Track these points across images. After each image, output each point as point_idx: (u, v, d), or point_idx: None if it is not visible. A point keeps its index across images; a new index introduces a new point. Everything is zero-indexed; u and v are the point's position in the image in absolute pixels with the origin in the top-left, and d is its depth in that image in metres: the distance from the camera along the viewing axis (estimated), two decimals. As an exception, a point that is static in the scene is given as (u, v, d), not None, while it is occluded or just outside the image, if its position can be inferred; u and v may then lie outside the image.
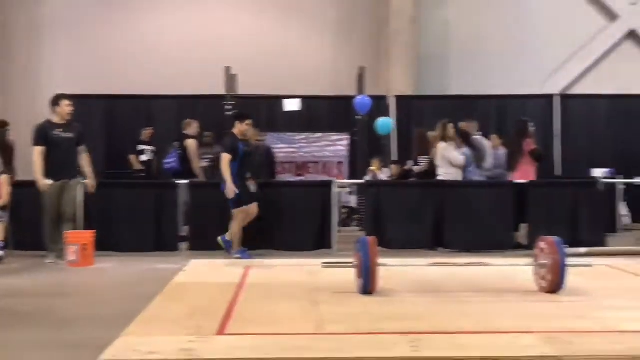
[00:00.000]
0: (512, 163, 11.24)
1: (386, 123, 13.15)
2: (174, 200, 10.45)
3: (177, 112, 14.78)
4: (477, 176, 11.21)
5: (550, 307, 6.12)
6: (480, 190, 10.89)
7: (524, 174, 11.07)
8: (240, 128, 9.81)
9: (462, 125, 11.57)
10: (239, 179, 9.60)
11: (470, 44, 16.31)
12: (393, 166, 13.34)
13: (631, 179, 13.05)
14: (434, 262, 8.21)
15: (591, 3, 16.62)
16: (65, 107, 9.41)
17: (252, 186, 9.79)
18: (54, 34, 16.25)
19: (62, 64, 16.09)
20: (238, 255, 9.57)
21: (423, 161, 11.88)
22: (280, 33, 16.24)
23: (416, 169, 11.91)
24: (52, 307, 6.40)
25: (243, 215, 9.68)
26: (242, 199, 9.66)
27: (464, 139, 11.22)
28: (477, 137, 11.71)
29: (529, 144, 11.15)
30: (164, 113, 14.69)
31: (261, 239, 10.30)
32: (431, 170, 11.67)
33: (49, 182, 9.19)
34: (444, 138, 11.08)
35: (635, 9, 16.48)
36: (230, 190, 9.52)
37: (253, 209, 9.75)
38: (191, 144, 11.88)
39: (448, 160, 10.96)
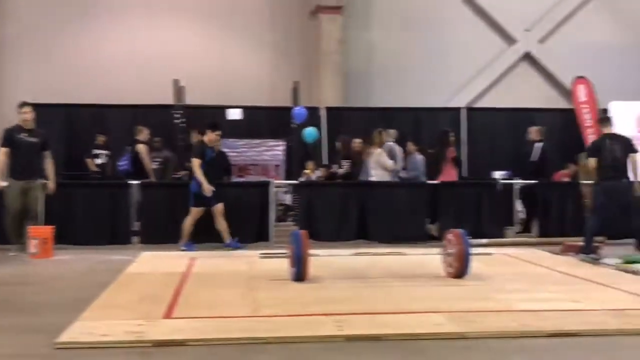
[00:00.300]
0: (437, 167, 11.47)
1: (311, 132, 13.09)
2: (126, 198, 10.28)
3: (130, 120, 14.49)
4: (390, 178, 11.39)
5: (456, 290, 6.24)
6: (398, 190, 11.02)
7: (448, 176, 11.41)
8: (210, 136, 9.62)
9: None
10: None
11: (391, 62, 16.47)
12: (322, 169, 13.37)
13: (526, 180, 13.37)
14: (357, 252, 8.27)
15: (494, 29, 16.99)
16: (23, 113, 9.17)
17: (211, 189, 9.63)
18: (18, 49, 15.78)
19: (25, 75, 15.62)
20: (184, 248, 9.44)
21: (345, 164, 11.92)
22: (224, 50, 16.10)
23: (340, 171, 11.94)
24: (13, 295, 6.21)
25: (196, 214, 9.51)
26: (203, 200, 9.46)
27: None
28: (389, 144, 11.85)
29: (452, 152, 11.46)
30: (118, 121, 14.36)
31: (206, 233, 10.19)
32: (355, 172, 11.78)
33: (4, 183, 8.99)
34: (379, 144, 11.16)
35: (529, 34, 16.91)
36: (207, 189, 9.37)
37: (218, 208, 9.60)
38: (142, 148, 11.70)
39: (381, 164, 11.10)
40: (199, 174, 9.42)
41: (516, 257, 8.64)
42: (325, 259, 7.88)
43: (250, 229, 10.35)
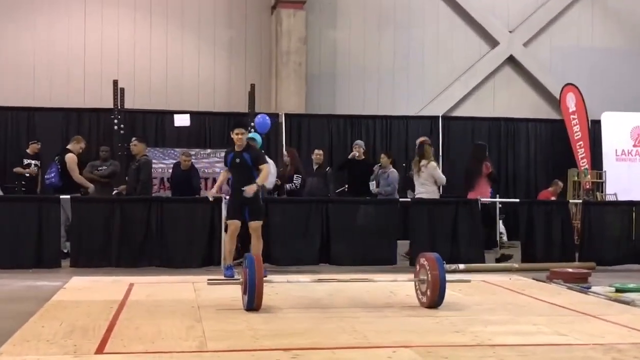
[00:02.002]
0: (470, 183, 11.69)
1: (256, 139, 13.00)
2: (56, 215, 10.11)
3: (63, 125, 14.37)
4: None
5: (429, 322, 6.26)
6: (366, 208, 11.05)
7: (481, 193, 11.60)
8: (233, 137, 9.29)
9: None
10: (231, 190, 9.36)
11: (359, 65, 16.59)
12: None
13: (508, 198, 13.54)
14: (319, 278, 8.25)
15: (474, 29, 17.21)
16: None
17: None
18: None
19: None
20: (225, 271, 9.17)
21: (297, 179, 11.88)
22: (171, 48, 16.04)
23: (288, 186, 11.89)
24: None
25: (230, 228, 9.19)
26: (228, 212, 9.38)
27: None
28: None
29: (487, 167, 11.68)
30: (49, 126, 14.22)
31: (147, 255, 10.10)
32: (317, 187, 11.81)
33: None
34: (423, 157, 11.40)
35: (513, 36, 17.17)
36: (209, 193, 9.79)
37: (252, 225, 9.19)
38: (70, 158, 11.49)
39: (436, 179, 11.32)
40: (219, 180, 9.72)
41: (497, 285, 8.71)
42: (282, 285, 7.85)
43: (197, 252, 10.27)
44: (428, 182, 11.41)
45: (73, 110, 14.64)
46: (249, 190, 9.00)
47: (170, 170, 13.27)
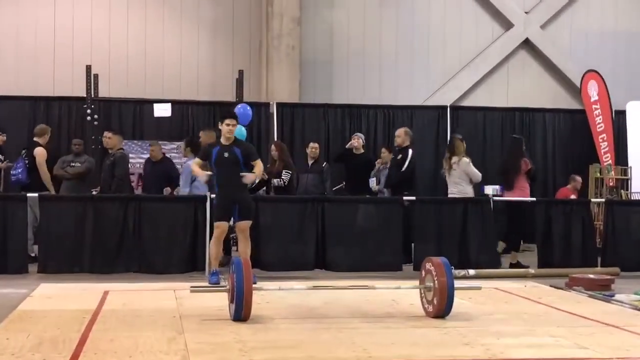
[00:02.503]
0: (508, 182, 11.71)
1: (239, 134, 12.94)
2: (22, 215, 10.10)
3: (30, 115, 14.34)
4: None
5: (435, 334, 6.27)
6: (366, 208, 11.06)
7: (521, 192, 11.58)
8: (223, 128, 9.27)
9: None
10: (218, 188, 9.32)
11: (358, 49, 16.56)
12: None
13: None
14: (314, 285, 8.26)
15: (486, 10, 17.17)
16: None
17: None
18: None
19: None
20: (210, 278, 9.25)
21: (286, 175, 11.85)
22: (150, 30, 16.00)
23: (275, 182, 11.86)
24: None
25: (217, 231, 9.24)
26: (216, 212, 9.37)
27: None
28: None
29: (526, 163, 11.66)
30: (14, 116, 14.17)
31: (124, 260, 10.10)
32: (313, 182, 11.84)
33: None
34: (454, 153, 11.50)
35: (529, 17, 17.16)
36: (201, 175, 9.53)
37: (241, 225, 9.27)
38: (39, 152, 11.50)
39: (471, 176, 11.39)
40: (193, 170, 9.68)
41: (510, 292, 8.74)
42: (273, 293, 7.86)
43: (179, 256, 10.28)
44: (461, 181, 11.46)
45: (41, 99, 14.59)
46: (249, 178, 9.15)
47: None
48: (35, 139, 11.83)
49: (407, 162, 11.70)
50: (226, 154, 9.13)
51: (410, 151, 11.78)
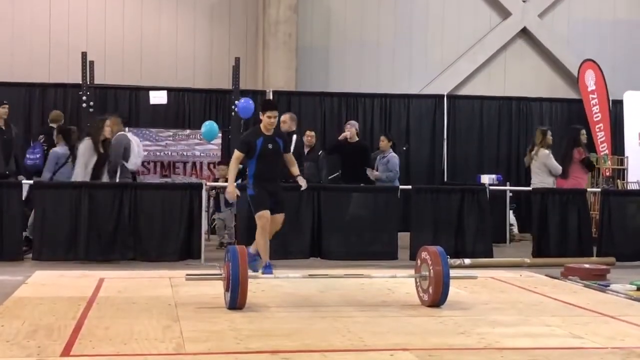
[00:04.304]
0: (564, 171, 11.86)
1: (211, 129, 12.88)
2: (17, 202, 10.09)
3: (25, 101, 14.30)
4: None
5: (431, 322, 6.30)
6: (362, 197, 11.07)
7: (576, 181, 11.81)
8: (264, 120, 8.80)
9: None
10: (256, 180, 8.79)
11: (355, 37, 16.51)
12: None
13: (519, 185, 13.58)
14: (310, 274, 8.26)
15: (484, 0, 17.21)
16: None
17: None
18: None
19: None
20: (260, 272, 8.54)
21: None
22: (146, 17, 15.94)
23: None
24: None
25: (262, 221, 8.71)
26: (258, 202, 8.73)
27: None
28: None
29: (580, 152, 11.85)
30: (9, 102, 14.00)
31: (119, 247, 10.10)
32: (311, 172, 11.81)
33: None
34: (543, 144, 11.64)
35: (527, 6, 17.13)
36: (230, 192, 8.89)
37: (277, 218, 8.89)
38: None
39: (549, 168, 11.58)
40: (230, 169, 8.97)
41: (506, 282, 8.76)
42: (268, 281, 7.88)
43: (174, 244, 10.28)
44: (540, 172, 11.70)
45: (36, 86, 14.53)
46: (305, 183, 9.12)
47: (145, 153, 13.24)
48: (51, 124, 11.94)
49: (292, 148, 11.10)
50: (270, 145, 8.75)
51: (295, 137, 11.45)
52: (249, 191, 8.85)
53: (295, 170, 9.13)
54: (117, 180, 10.86)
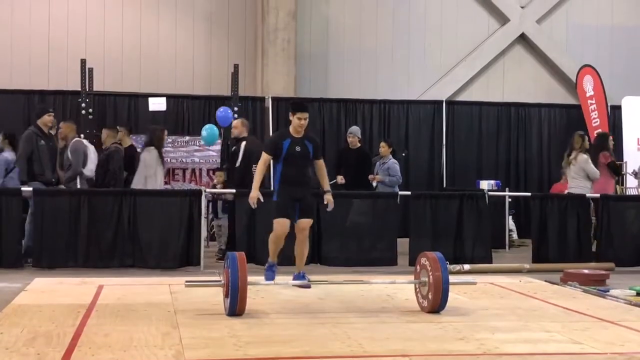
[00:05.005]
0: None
1: (212, 132, 12.87)
2: (16, 209, 10.08)
3: (24, 109, 14.32)
4: None
5: (430, 329, 6.28)
6: (361, 202, 11.06)
7: (603, 186, 11.76)
8: (294, 122, 8.37)
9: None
10: (282, 184, 8.41)
11: (354, 43, 16.55)
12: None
13: (518, 191, 13.59)
14: (309, 280, 8.27)
15: (482, 4, 17.15)
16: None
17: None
18: None
19: None
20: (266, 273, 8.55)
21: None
22: (145, 24, 15.96)
23: None
24: None
25: (278, 227, 8.35)
26: (279, 209, 8.36)
27: None
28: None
29: (606, 157, 11.90)
30: (8, 109, 14.15)
31: (118, 254, 10.10)
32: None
33: None
34: (581, 149, 11.59)
35: (525, 12, 17.16)
36: (252, 197, 8.38)
37: (301, 223, 8.47)
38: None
39: (587, 172, 11.51)
40: (257, 172, 8.56)
41: (505, 287, 8.75)
42: (268, 288, 7.87)
43: (173, 251, 10.27)
44: (578, 177, 11.61)
45: (35, 92, 14.56)
46: (332, 204, 8.60)
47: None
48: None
49: (241, 154, 11.13)
50: (298, 148, 8.32)
51: (244, 143, 11.24)
52: (273, 197, 8.46)
53: (325, 184, 8.63)
54: (78, 187, 10.90)
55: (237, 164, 11.12)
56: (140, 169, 11.02)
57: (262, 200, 8.38)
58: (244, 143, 11.20)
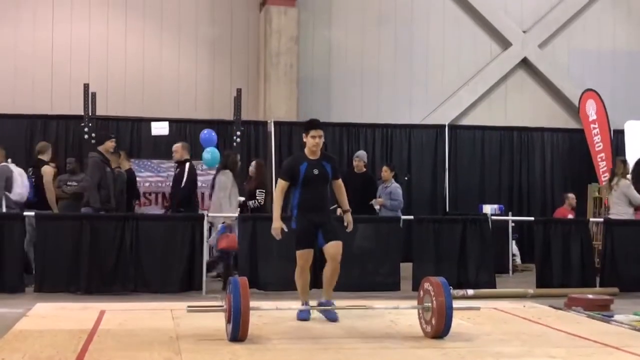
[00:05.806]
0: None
1: (214, 155, 12.88)
2: (18, 234, 10.08)
3: (27, 134, 14.36)
4: None
5: (434, 354, 6.26)
6: (364, 227, 11.04)
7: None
8: (308, 141, 7.84)
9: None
10: (301, 211, 7.94)
11: (356, 68, 16.60)
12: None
13: (520, 215, 13.58)
14: (311, 304, 8.23)
15: (484, 29, 17.23)
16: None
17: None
18: None
19: None
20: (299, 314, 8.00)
21: (260, 195, 11.80)
22: (148, 48, 16.03)
23: (251, 204, 11.81)
24: None
25: (301, 261, 7.94)
26: (299, 240, 7.92)
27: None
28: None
29: None
30: (11, 134, 14.17)
31: (120, 279, 10.07)
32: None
33: None
34: (623, 174, 11.63)
35: (527, 37, 17.23)
36: (275, 228, 7.90)
37: (330, 248, 7.96)
38: (48, 171, 11.49)
39: (630, 197, 11.49)
40: (275, 200, 8.01)
41: (509, 313, 8.72)
42: (270, 313, 7.83)
43: (176, 275, 10.25)
44: (620, 202, 11.60)
45: (39, 117, 14.61)
46: (351, 225, 8.23)
47: (147, 184, 13.27)
48: (39, 156, 11.79)
49: (185, 175, 11.67)
50: (316, 171, 7.82)
51: (187, 165, 11.71)
52: (292, 224, 7.97)
53: (344, 203, 8.19)
54: (4, 210, 10.85)
55: (182, 185, 11.65)
56: (215, 191, 11.36)
57: (286, 230, 7.94)
58: (187, 164, 11.73)
